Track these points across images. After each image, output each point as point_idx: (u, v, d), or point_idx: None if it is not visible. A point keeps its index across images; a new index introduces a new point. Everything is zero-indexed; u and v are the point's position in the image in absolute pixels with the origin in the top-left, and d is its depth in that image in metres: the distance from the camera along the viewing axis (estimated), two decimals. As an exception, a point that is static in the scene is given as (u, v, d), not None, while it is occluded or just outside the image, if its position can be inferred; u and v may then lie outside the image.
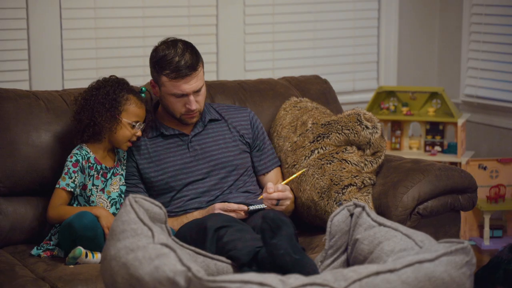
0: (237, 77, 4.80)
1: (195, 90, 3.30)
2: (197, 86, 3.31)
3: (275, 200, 3.22)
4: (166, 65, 3.28)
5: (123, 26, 4.64)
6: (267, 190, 3.23)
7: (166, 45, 3.32)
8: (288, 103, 3.73)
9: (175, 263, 2.23)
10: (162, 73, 3.29)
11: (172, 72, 3.27)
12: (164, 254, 2.28)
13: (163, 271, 2.22)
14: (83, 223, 3.01)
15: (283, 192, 3.25)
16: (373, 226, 2.64)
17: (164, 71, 3.28)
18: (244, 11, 4.93)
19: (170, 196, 3.34)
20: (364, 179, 3.36)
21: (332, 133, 3.44)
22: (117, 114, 3.22)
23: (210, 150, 3.41)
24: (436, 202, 3.33)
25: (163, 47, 3.32)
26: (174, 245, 2.35)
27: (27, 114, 3.36)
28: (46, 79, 4.50)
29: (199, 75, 3.31)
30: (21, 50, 4.45)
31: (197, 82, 3.30)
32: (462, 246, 2.38)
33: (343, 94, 5.15)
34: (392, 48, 5.36)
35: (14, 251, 3.24)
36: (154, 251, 2.31)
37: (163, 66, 3.28)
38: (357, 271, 2.27)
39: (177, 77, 3.26)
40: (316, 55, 5.19)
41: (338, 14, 5.22)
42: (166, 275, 2.22)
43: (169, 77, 3.28)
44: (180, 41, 3.35)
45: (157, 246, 2.33)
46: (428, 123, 4.92)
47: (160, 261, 2.26)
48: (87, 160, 3.22)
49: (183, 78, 3.27)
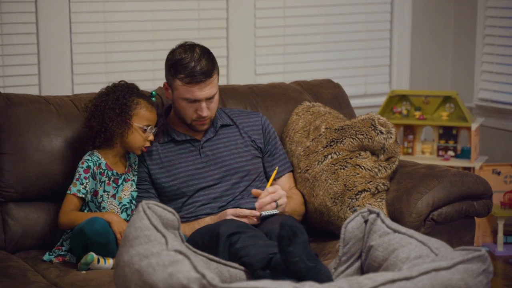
0: (247, 81, 4.77)
1: (208, 97, 3.28)
2: (210, 93, 3.28)
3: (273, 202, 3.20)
4: (181, 69, 3.25)
5: (133, 30, 4.63)
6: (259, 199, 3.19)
7: (184, 49, 3.30)
8: (300, 108, 3.71)
9: (189, 270, 2.21)
10: (177, 76, 3.27)
11: (187, 77, 3.24)
12: (178, 261, 2.26)
13: (177, 278, 2.20)
14: (94, 228, 2.99)
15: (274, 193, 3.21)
16: (388, 232, 2.61)
17: (179, 75, 3.26)
18: (254, 14, 4.91)
19: (181, 201, 3.32)
20: (378, 185, 3.33)
21: (345, 138, 3.41)
22: (128, 118, 3.21)
23: (222, 155, 3.39)
24: (450, 209, 3.30)
25: (180, 51, 3.30)
26: (188, 251, 2.33)
27: (38, 119, 3.35)
28: (56, 84, 4.49)
29: (213, 83, 3.29)
30: (31, 55, 4.44)
31: (211, 89, 3.28)
32: (479, 254, 2.35)
33: (355, 98, 5.12)
34: (404, 51, 5.33)
35: (26, 256, 3.23)
36: (168, 257, 2.29)
37: (178, 69, 3.26)
38: (372, 278, 2.24)
39: (191, 82, 3.24)
40: (327, 58, 5.16)
41: (350, 17, 5.20)
42: (180, 282, 2.19)
43: (183, 81, 3.26)
44: (198, 46, 3.33)
45: (171, 253, 2.31)
46: (441, 127, 4.89)
47: (174, 268, 2.24)
48: (99, 166, 3.20)
49: (197, 84, 3.24)
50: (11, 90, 4.38)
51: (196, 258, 2.32)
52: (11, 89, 4.39)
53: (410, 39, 5.34)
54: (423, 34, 5.40)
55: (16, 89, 4.37)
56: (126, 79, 3.44)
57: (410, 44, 5.34)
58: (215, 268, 2.65)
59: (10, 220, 3.30)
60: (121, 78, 3.58)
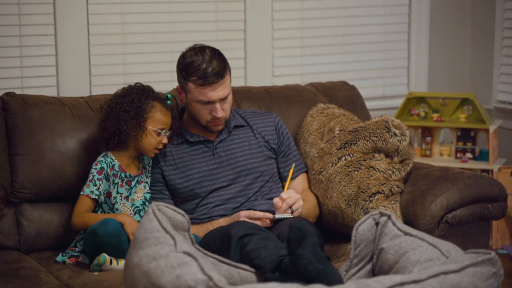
0: (265, 82, 4.77)
1: (221, 97, 3.28)
2: (224, 94, 3.29)
3: (288, 209, 3.18)
4: (193, 72, 3.26)
5: (150, 31, 4.64)
6: (276, 206, 3.18)
7: (194, 52, 3.31)
8: (315, 110, 3.70)
9: (196, 272, 2.22)
10: (189, 79, 3.27)
11: (199, 79, 3.25)
12: (186, 262, 2.26)
13: (185, 280, 2.21)
14: (107, 230, 3.00)
15: (289, 197, 3.20)
16: (399, 235, 2.60)
17: (191, 78, 3.26)
18: (272, 16, 4.91)
19: (195, 203, 3.32)
20: (392, 187, 3.31)
21: (359, 140, 3.40)
22: (143, 121, 3.21)
23: (236, 156, 3.39)
24: (465, 211, 3.28)
25: (191, 53, 3.30)
26: (197, 253, 2.33)
27: (52, 120, 3.37)
28: (74, 85, 4.50)
29: (226, 83, 3.29)
30: (49, 56, 4.46)
31: (223, 89, 3.28)
32: (488, 257, 2.33)
33: (373, 99, 5.11)
34: (422, 53, 5.30)
35: (40, 257, 3.24)
36: (176, 259, 2.29)
37: (190, 72, 3.26)
38: (381, 281, 2.24)
39: (204, 84, 3.24)
40: (345, 60, 5.15)
41: (368, 19, 5.18)
42: (188, 284, 2.20)
43: (195, 84, 3.26)
44: (208, 48, 3.33)
45: (179, 255, 2.31)
46: (459, 129, 4.86)
47: (181, 270, 2.24)
48: (112, 168, 3.21)
49: (210, 85, 3.25)
50: (29, 91, 4.40)
51: (204, 260, 2.32)
52: (29, 90, 4.40)
53: (428, 41, 5.31)
54: (441, 36, 5.37)
55: (34, 90, 4.39)
56: (144, 80, 3.44)
57: (428, 46, 5.32)
58: (225, 270, 2.64)
59: (24, 221, 3.31)
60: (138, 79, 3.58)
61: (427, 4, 5.27)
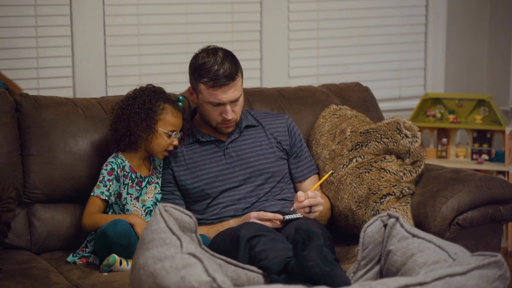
0: (280, 83, 4.77)
1: (232, 100, 3.28)
2: (235, 96, 3.29)
3: (307, 208, 3.18)
4: (205, 73, 3.26)
5: (166, 32, 4.65)
6: (298, 199, 3.17)
7: (206, 53, 3.31)
8: (327, 111, 3.70)
9: (201, 274, 2.22)
10: (200, 80, 3.28)
11: (210, 81, 3.25)
12: (190, 264, 2.27)
13: (189, 282, 2.21)
14: (117, 231, 3.01)
15: (314, 198, 3.19)
16: (407, 237, 2.59)
17: (202, 79, 3.27)
18: (288, 17, 4.91)
19: (206, 203, 3.33)
20: (403, 189, 3.30)
21: (371, 141, 3.39)
22: (153, 123, 3.22)
23: (247, 157, 3.39)
24: (476, 213, 3.26)
25: (203, 55, 3.31)
26: (202, 254, 2.33)
27: (65, 121, 3.38)
28: (90, 86, 4.53)
29: (237, 85, 3.29)
30: (65, 57, 4.49)
31: (234, 92, 3.28)
32: (494, 260, 2.32)
33: (389, 101, 5.09)
34: (439, 54, 5.28)
35: (51, 257, 3.26)
36: (181, 261, 2.29)
37: (202, 73, 3.27)
38: (386, 283, 2.23)
39: (215, 86, 3.24)
40: (361, 61, 5.14)
41: (384, 20, 5.17)
42: (192, 285, 2.20)
43: (206, 86, 3.26)
44: (221, 49, 3.33)
45: (185, 256, 2.31)
46: (475, 131, 4.83)
47: (186, 271, 2.24)
48: (122, 169, 3.22)
49: (221, 87, 3.25)
50: (45, 92, 4.43)
51: (210, 261, 2.32)
52: (45, 91, 4.44)
53: (445, 42, 5.29)
54: (458, 37, 5.35)
55: (51, 91, 4.43)
56: (159, 81, 3.45)
57: (445, 47, 5.29)
58: (232, 271, 2.65)
59: (36, 221, 3.34)
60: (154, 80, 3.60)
61: (444, 5, 5.25)
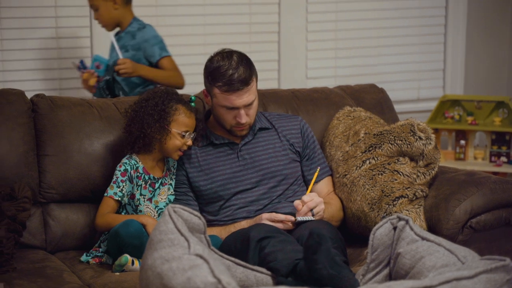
0: (298, 84, 4.78)
1: (246, 104, 3.28)
2: (249, 101, 3.29)
3: (309, 212, 3.18)
4: (219, 77, 3.26)
5: (184, 33, 4.68)
6: (297, 208, 3.18)
7: (221, 56, 3.30)
8: (341, 113, 3.69)
9: (206, 275, 2.23)
10: (215, 84, 3.28)
11: (224, 85, 3.25)
12: (197, 265, 2.28)
13: (194, 283, 2.22)
14: (129, 231, 3.03)
15: (310, 201, 3.18)
16: (416, 240, 2.59)
17: (217, 83, 3.27)
18: (306, 18, 4.92)
19: (219, 205, 3.34)
20: (416, 191, 3.30)
21: (384, 143, 3.39)
22: (166, 124, 3.23)
23: (260, 159, 3.39)
24: (489, 216, 3.25)
25: (218, 58, 3.30)
26: (210, 256, 2.34)
27: (80, 122, 3.41)
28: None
29: (251, 90, 3.29)
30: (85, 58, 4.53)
31: (248, 96, 3.28)
32: (503, 264, 2.31)
33: (407, 102, 5.09)
34: (459, 56, 5.26)
35: (65, 257, 3.29)
36: (188, 262, 2.30)
37: (216, 77, 3.27)
38: (391, 287, 2.23)
39: (229, 90, 3.25)
40: (380, 62, 5.13)
41: (404, 21, 5.16)
42: (197, 286, 2.21)
43: (221, 90, 3.26)
44: (236, 53, 3.33)
45: (192, 257, 2.32)
46: (493, 133, 4.81)
47: (192, 272, 2.25)
48: (136, 170, 3.24)
49: (235, 92, 3.25)
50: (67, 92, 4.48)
51: (216, 262, 2.33)
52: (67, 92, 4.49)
53: (465, 43, 5.26)
54: (478, 38, 5.32)
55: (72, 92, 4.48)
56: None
57: (465, 48, 5.27)
58: (241, 273, 2.66)
59: (51, 220, 3.37)
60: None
61: (464, 5, 5.23)
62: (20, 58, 4.50)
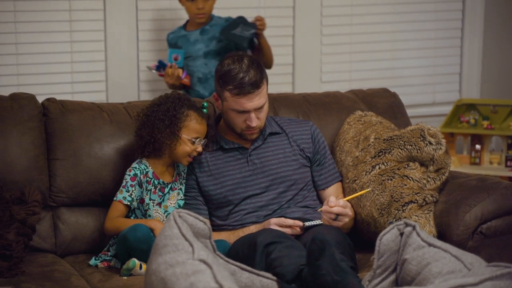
0: (313, 88, 4.77)
1: (256, 107, 3.28)
2: (259, 104, 3.29)
3: (334, 214, 3.17)
4: (230, 81, 3.26)
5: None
6: (328, 203, 3.17)
7: (232, 60, 3.31)
8: (352, 117, 3.68)
9: (209, 280, 2.23)
10: (225, 88, 3.28)
11: (235, 88, 3.25)
12: (200, 270, 2.28)
13: (197, 288, 2.22)
14: (137, 235, 3.04)
15: (343, 208, 3.18)
16: (423, 246, 2.58)
17: (227, 86, 3.27)
18: (321, 22, 4.91)
19: (228, 209, 3.34)
20: (426, 196, 3.28)
21: (394, 148, 3.37)
22: (177, 130, 3.23)
23: (269, 164, 3.39)
24: (500, 222, 3.22)
25: (229, 62, 3.31)
26: (214, 261, 2.34)
27: (90, 126, 3.42)
28: (122, 90, 4.58)
29: (262, 93, 3.29)
30: (99, 62, 4.55)
31: (259, 99, 3.28)
32: (508, 271, 2.30)
33: (423, 106, 5.07)
34: (475, 60, 5.23)
35: (74, 260, 3.30)
36: (192, 267, 2.31)
37: (227, 81, 3.27)
38: (394, 293, 2.22)
39: (240, 93, 3.25)
40: (395, 66, 5.11)
41: (419, 24, 5.14)
42: (200, 292, 2.21)
43: (231, 93, 3.26)
44: (247, 56, 3.33)
45: (195, 262, 2.33)
46: (509, 137, 4.78)
47: (195, 277, 2.26)
48: (145, 175, 3.24)
49: (246, 95, 3.25)
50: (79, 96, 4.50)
51: (220, 268, 2.33)
52: (79, 95, 4.51)
53: (482, 47, 5.23)
54: (494, 41, 5.29)
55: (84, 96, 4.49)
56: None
57: (482, 52, 5.24)
58: (246, 278, 2.66)
59: (61, 224, 3.38)
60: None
61: (481, 9, 5.20)
62: (35, 62, 4.52)
